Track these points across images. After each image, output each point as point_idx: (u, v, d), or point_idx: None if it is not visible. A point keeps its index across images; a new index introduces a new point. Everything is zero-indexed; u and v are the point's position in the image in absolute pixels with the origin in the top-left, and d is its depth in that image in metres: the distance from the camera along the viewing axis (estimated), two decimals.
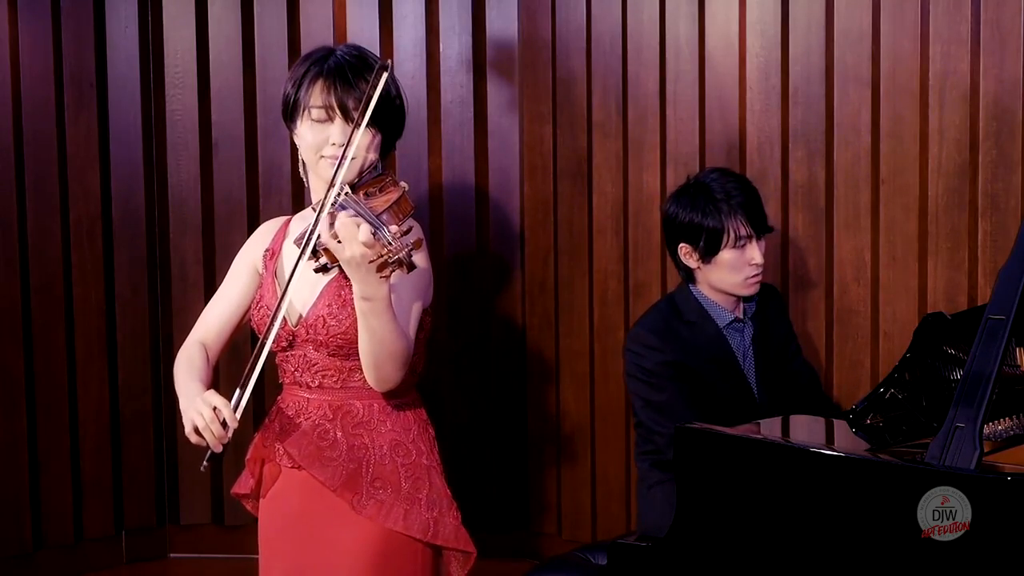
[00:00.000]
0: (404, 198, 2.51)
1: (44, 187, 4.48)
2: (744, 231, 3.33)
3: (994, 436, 2.73)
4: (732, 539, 2.68)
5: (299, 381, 2.70)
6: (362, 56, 2.68)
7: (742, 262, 3.34)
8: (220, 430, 2.50)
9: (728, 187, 3.35)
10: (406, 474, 2.66)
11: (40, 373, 4.50)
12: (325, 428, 2.66)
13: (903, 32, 3.85)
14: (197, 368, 2.70)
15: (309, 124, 2.64)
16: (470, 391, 4.64)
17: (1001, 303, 2.51)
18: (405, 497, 2.64)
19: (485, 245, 4.61)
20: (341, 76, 2.62)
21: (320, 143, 2.64)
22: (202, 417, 2.51)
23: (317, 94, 2.62)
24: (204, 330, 2.79)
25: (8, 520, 4.45)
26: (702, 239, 3.33)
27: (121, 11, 4.59)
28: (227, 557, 4.67)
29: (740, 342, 3.43)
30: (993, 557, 2.38)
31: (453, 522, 2.68)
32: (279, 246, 2.77)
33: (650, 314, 3.49)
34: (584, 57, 4.37)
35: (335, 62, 2.64)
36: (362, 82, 2.61)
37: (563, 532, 4.57)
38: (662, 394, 3.31)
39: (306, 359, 2.68)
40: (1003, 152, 3.75)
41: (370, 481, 2.63)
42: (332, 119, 2.62)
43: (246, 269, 2.80)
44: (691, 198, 3.38)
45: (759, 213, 3.37)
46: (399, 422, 2.70)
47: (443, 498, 2.69)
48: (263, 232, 2.84)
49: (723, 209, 3.31)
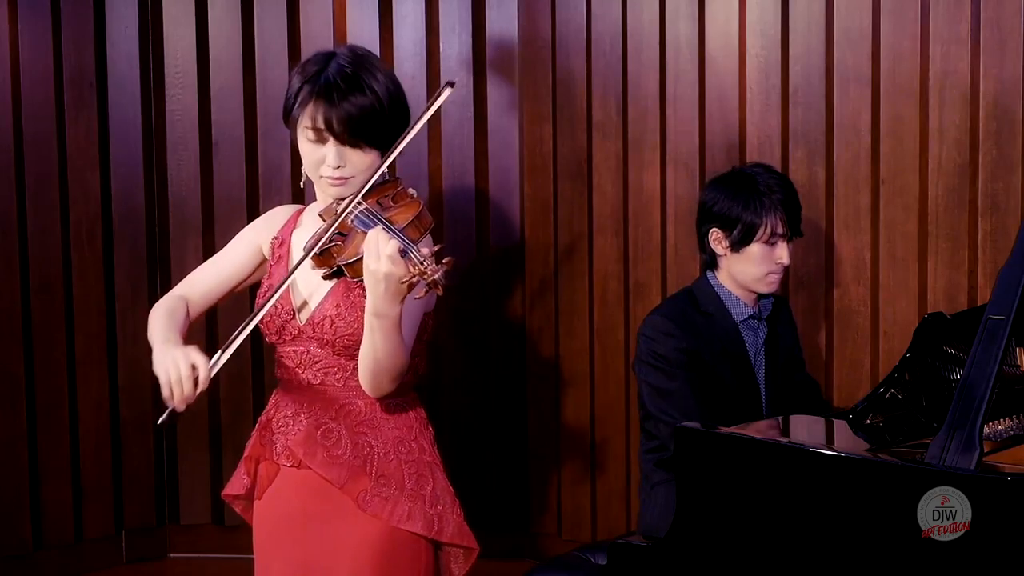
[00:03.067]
0: (424, 212, 2.48)
1: (44, 187, 4.48)
2: (781, 229, 3.35)
3: (994, 436, 2.73)
4: (732, 539, 2.68)
5: (300, 377, 2.68)
6: (360, 62, 2.61)
7: (769, 259, 3.35)
8: (191, 389, 2.42)
9: (772, 183, 3.38)
10: (410, 471, 2.65)
11: (40, 373, 4.50)
12: (329, 426, 2.65)
13: (903, 32, 3.85)
14: (177, 319, 2.63)
15: (304, 140, 2.62)
16: (470, 391, 4.64)
17: (1001, 303, 2.51)
18: (409, 494, 2.63)
19: (485, 245, 4.61)
20: (327, 96, 2.57)
21: (316, 161, 2.61)
22: (177, 370, 2.43)
23: (308, 114, 2.59)
24: (189, 288, 2.75)
25: (8, 520, 4.45)
26: (737, 229, 3.35)
27: (121, 11, 4.59)
28: (227, 557, 4.66)
29: (753, 341, 3.43)
30: (993, 557, 2.38)
31: (456, 519, 2.68)
32: (288, 235, 2.75)
33: (667, 302, 3.51)
34: (584, 57, 4.37)
35: (326, 80, 2.58)
36: (357, 95, 2.56)
37: (563, 532, 4.57)
38: (672, 382, 3.31)
39: (309, 354, 2.66)
40: (1003, 152, 3.75)
41: (375, 478, 2.62)
42: (324, 140, 2.59)
43: (247, 246, 2.78)
44: (734, 187, 3.40)
45: (796, 215, 3.39)
46: (401, 420, 2.69)
47: (446, 495, 2.69)
48: (274, 217, 2.81)
49: (765, 203, 3.34)
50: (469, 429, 4.62)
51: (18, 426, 4.46)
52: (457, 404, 4.62)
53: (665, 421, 3.31)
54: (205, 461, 4.72)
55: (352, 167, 2.59)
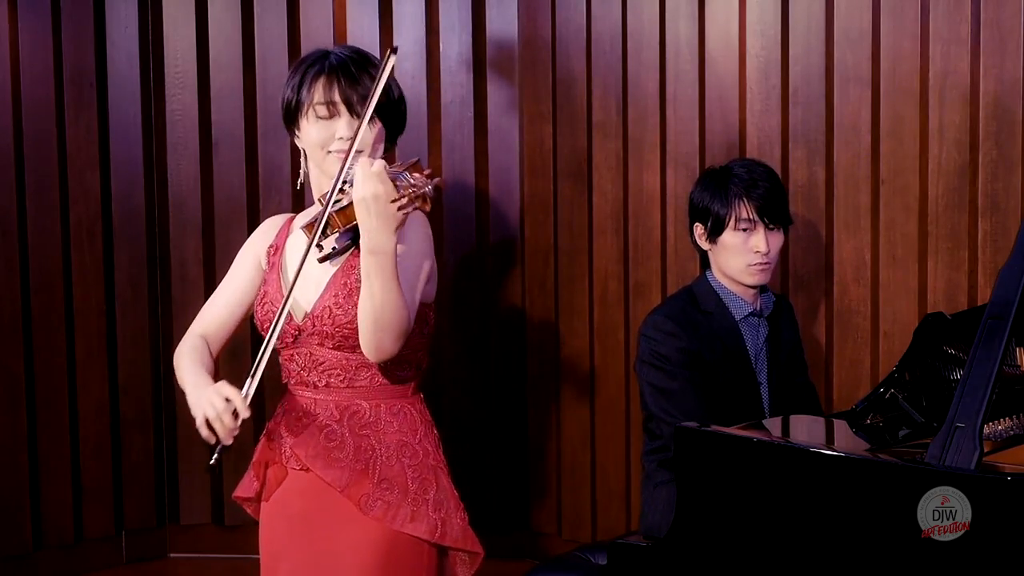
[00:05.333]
0: (417, 164, 2.51)
1: (44, 187, 4.48)
2: (747, 215, 3.33)
3: (994, 436, 2.73)
4: (732, 539, 2.68)
5: (304, 381, 2.69)
6: (361, 52, 2.70)
7: (745, 248, 3.34)
8: (232, 421, 2.47)
9: (748, 174, 3.37)
10: (413, 475, 2.65)
11: (40, 373, 4.50)
12: (332, 429, 2.65)
13: (903, 32, 3.85)
14: (203, 359, 2.68)
15: (314, 121, 2.65)
16: (470, 391, 4.64)
17: (1001, 303, 2.51)
18: (412, 498, 2.63)
19: (485, 245, 4.61)
20: (345, 71, 2.63)
21: (326, 139, 2.64)
22: (213, 408, 2.48)
23: (320, 91, 2.63)
24: (205, 324, 2.78)
25: (8, 520, 4.45)
26: (709, 220, 3.36)
27: (121, 11, 4.60)
28: (227, 557, 4.67)
29: (754, 340, 3.42)
30: (993, 557, 2.38)
31: (460, 523, 2.68)
32: (283, 242, 2.76)
33: (668, 302, 3.50)
34: (584, 57, 4.37)
35: (336, 59, 2.66)
36: (365, 76, 2.63)
37: (563, 532, 4.57)
38: (674, 382, 3.31)
39: (312, 357, 2.67)
40: (1003, 152, 3.75)
41: (377, 482, 2.62)
42: (337, 115, 2.63)
43: (249, 265, 2.79)
44: (707, 181, 3.42)
45: (772, 203, 3.36)
46: (405, 423, 2.69)
47: (450, 498, 2.69)
48: (266, 228, 2.84)
49: (731, 192, 3.34)
50: (469, 429, 4.62)
51: (18, 426, 4.46)
52: (457, 404, 4.62)
53: (667, 421, 3.30)
54: (205, 461, 4.70)
55: (361, 141, 2.59)
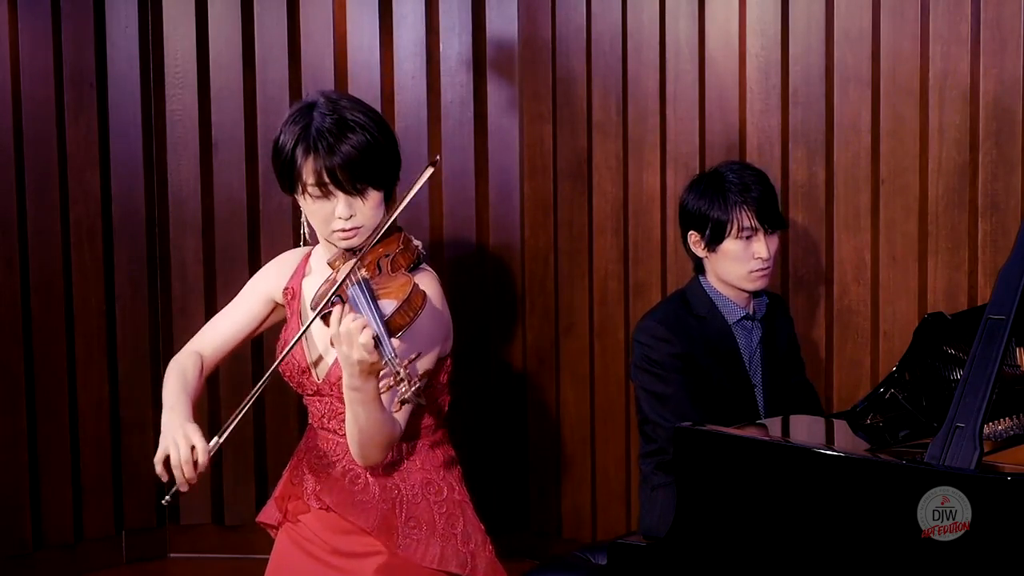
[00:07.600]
0: (415, 292, 2.46)
1: (44, 187, 4.48)
2: (748, 223, 3.32)
3: (994, 436, 2.73)
4: (732, 539, 2.68)
5: (326, 427, 2.70)
6: (342, 115, 2.58)
7: (747, 255, 3.33)
8: (191, 472, 2.51)
9: (741, 179, 3.35)
10: (440, 511, 2.67)
11: (40, 373, 4.50)
12: (356, 472, 2.65)
13: (903, 32, 3.85)
14: (189, 381, 2.68)
15: (311, 201, 2.61)
16: (470, 391, 4.63)
17: (1001, 303, 2.51)
18: (441, 534, 2.64)
19: (485, 245, 4.61)
20: (324, 147, 2.55)
21: (327, 217, 2.60)
22: (177, 451, 2.51)
23: (310, 171, 2.57)
24: (202, 343, 2.78)
25: (8, 520, 4.45)
26: (708, 228, 3.34)
27: (121, 11, 4.59)
28: (227, 557, 4.66)
29: (748, 342, 3.42)
30: (993, 557, 2.38)
31: (488, 555, 2.69)
32: (299, 283, 2.76)
33: (661, 306, 3.50)
34: (584, 57, 4.37)
35: (316, 130, 2.57)
36: (346, 143, 2.55)
37: (563, 532, 4.57)
38: (667, 386, 3.31)
39: (332, 407, 2.67)
40: (1003, 152, 3.75)
41: (404, 521, 2.63)
42: (332, 194, 2.58)
43: (258, 300, 2.80)
44: (702, 187, 3.39)
45: (769, 207, 3.36)
46: (428, 460, 2.71)
47: (477, 531, 2.70)
48: (282, 265, 2.82)
49: (730, 199, 3.32)
50: (469, 429, 4.62)
51: (18, 426, 4.46)
52: (457, 404, 4.61)
53: (663, 426, 3.31)
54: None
55: (362, 215, 2.59)
